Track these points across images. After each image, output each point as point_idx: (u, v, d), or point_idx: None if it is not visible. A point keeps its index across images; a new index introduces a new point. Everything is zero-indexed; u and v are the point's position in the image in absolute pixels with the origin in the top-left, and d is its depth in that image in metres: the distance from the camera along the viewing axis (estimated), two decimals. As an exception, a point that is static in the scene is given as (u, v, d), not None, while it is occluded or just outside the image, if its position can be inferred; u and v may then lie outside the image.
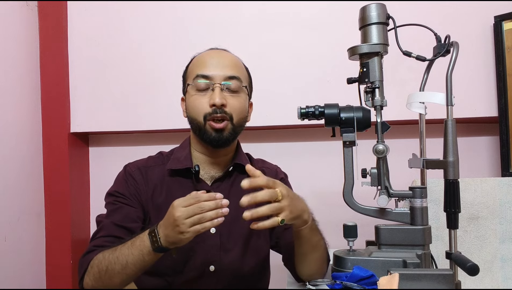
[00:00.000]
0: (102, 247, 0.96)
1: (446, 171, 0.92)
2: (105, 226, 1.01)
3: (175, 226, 0.83)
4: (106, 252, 0.93)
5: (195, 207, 0.83)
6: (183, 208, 0.83)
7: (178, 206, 0.84)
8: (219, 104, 1.00)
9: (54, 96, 1.74)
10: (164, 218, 0.87)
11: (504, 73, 1.51)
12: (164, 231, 0.86)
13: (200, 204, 0.83)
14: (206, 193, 0.87)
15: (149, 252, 0.88)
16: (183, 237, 0.83)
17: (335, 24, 1.64)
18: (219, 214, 0.83)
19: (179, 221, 0.82)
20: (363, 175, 1.01)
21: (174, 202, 0.85)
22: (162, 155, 1.14)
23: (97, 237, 1.00)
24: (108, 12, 1.77)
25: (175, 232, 0.84)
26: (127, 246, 0.91)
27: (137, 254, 0.89)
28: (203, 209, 0.83)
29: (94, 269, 0.93)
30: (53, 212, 1.74)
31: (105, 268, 0.91)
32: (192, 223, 0.82)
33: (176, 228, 0.83)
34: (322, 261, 1.02)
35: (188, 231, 0.82)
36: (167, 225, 0.86)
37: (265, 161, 1.23)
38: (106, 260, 0.91)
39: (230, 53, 1.11)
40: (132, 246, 0.90)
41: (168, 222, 0.85)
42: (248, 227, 1.08)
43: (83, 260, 0.97)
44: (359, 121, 0.99)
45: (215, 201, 0.84)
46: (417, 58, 1.01)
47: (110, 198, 1.06)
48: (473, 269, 0.83)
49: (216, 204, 0.84)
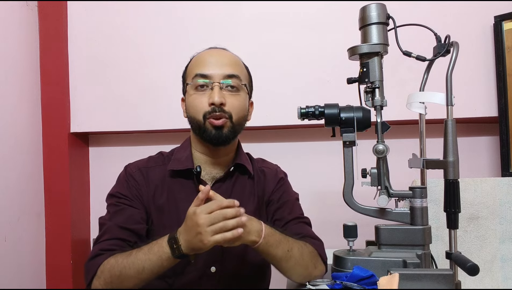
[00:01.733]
0: (109, 251, 0.95)
1: (446, 171, 0.92)
2: (109, 228, 1.00)
3: (198, 233, 0.83)
4: (119, 257, 0.92)
5: (218, 214, 0.83)
6: (206, 215, 0.83)
7: (201, 213, 0.83)
8: (218, 102, 1.00)
9: (54, 96, 1.74)
10: (185, 224, 0.87)
11: (504, 73, 1.51)
12: (186, 238, 0.86)
13: (222, 212, 0.83)
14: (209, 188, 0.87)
15: (168, 258, 0.88)
16: (203, 245, 0.83)
17: (335, 24, 1.64)
18: (239, 222, 0.83)
19: (201, 228, 0.82)
20: (363, 175, 1.01)
21: (197, 209, 0.85)
22: (162, 155, 1.14)
23: (102, 240, 0.99)
24: (108, 12, 1.77)
25: (197, 239, 0.83)
26: (144, 252, 0.90)
27: (155, 260, 0.88)
28: (226, 216, 0.83)
29: (105, 274, 0.92)
30: (53, 212, 1.74)
31: (118, 273, 0.90)
32: (214, 231, 0.82)
33: (198, 235, 0.83)
34: (302, 267, 0.99)
35: (210, 240, 0.82)
36: (189, 231, 0.85)
37: (265, 161, 1.23)
38: (119, 265, 0.91)
39: (229, 52, 1.10)
40: (149, 252, 0.89)
41: (190, 229, 0.85)
42: None
43: (90, 264, 0.95)
44: (359, 121, 0.99)
45: (235, 209, 0.84)
46: (417, 58, 1.01)
47: (112, 200, 1.05)
48: (473, 269, 0.83)
49: (236, 211, 0.84)
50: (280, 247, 0.95)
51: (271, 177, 1.15)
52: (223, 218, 0.83)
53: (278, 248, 0.95)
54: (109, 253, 0.95)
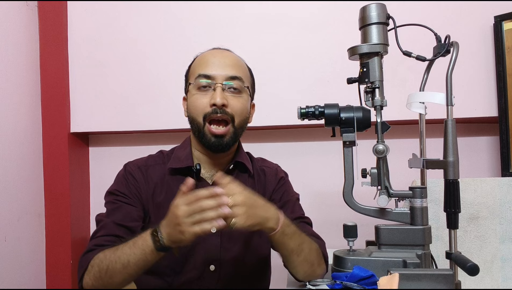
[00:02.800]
0: (102, 247, 0.96)
1: (446, 171, 0.92)
2: (105, 225, 1.01)
3: (177, 225, 0.82)
4: (107, 251, 0.93)
5: (196, 206, 0.81)
6: (184, 207, 0.82)
7: (180, 205, 0.83)
8: (220, 104, 1.00)
9: (54, 96, 1.74)
10: (166, 217, 0.87)
11: (504, 73, 1.51)
12: (166, 230, 0.85)
13: (201, 203, 0.81)
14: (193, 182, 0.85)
15: (152, 252, 0.87)
16: (183, 237, 0.82)
17: (335, 24, 1.64)
18: (220, 214, 0.81)
19: (179, 220, 0.81)
20: (363, 175, 1.01)
21: (176, 201, 0.84)
22: (162, 154, 1.14)
23: (97, 236, 1.00)
24: (108, 12, 1.77)
25: (176, 231, 0.83)
26: (129, 246, 0.90)
27: (139, 254, 0.88)
28: (204, 208, 0.81)
29: (94, 269, 0.93)
30: (53, 212, 1.74)
31: (105, 267, 0.91)
32: (192, 222, 0.81)
33: (177, 227, 0.82)
34: (309, 264, 1.00)
35: (189, 231, 0.81)
36: (169, 224, 0.85)
37: (266, 160, 1.23)
38: (107, 260, 0.91)
39: (232, 53, 1.10)
40: (134, 245, 0.89)
41: (170, 221, 0.85)
42: None
43: (82, 259, 0.97)
44: (359, 121, 0.99)
45: (215, 200, 0.82)
46: (417, 58, 1.01)
47: (110, 197, 1.06)
48: (473, 269, 0.83)
49: (216, 202, 0.82)
50: (294, 239, 0.95)
51: (272, 176, 1.16)
52: (200, 209, 0.81)
53: (291, 240, 0.95)
54: (101, 248, 0.95)
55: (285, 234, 0.93)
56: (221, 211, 0.81)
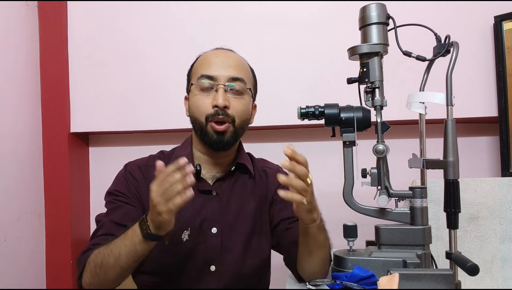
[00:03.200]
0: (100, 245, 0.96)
1: (446, 171, 0.92)
2: (104, 224, 1.01)
3: (153, 207, 0.82)
4: (101, 248, 0.93)
5: (164, 182, 0.81)
6: (156, 187, 0.82)
7: (153, 186, 0.83)
8: (222, 105, 1.00)
9: (54, 96, 1.74)
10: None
11: (504, 73, 1.51)
12: (150, 217, 0.85)
13: (168, 178, 0.81)
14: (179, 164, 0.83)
15: (141, 241, 0.87)
16: (162, 218, 0.82)
17: (335, 24, 1.64)
18: (185, 184, 0.80)
19: (155, 201, 0.81)
20: (363, 175, 1.01)
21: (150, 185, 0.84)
22: (163, 154, 1.14)
23: (96, 235, 1.00)
24: (108, 12, 1.77)
25: (155, 213, 0.83)
26: (120, 238, 0.90)
27: (129, 245, 0.88)
28: (171, 182, 0.80)
29: (91, 265, 0.93)
30: (53, 212, 1.74)
31: (100, 262, 0.91)
32: (165, 199, 0.81)
33: (154, 209, 0.82)
34: (326, 260, 1.02)
35: (164, 210, 0.81)
36: (151, 209, 0.85)
37: (267, 161, 1.23)
38: (101, 255, 0.91)
39: (235, 54, 1.10)
40: (124, 237, 0.89)
41: (150, 206, 0.84)
42: (249, 227, 1.08)
43: (81, 258, 0.97)
44: (359, 121, 0.99)
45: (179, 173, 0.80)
46: (417, 58, 1.01)
47: (110, 197, 1.06)
48: (473, 269, 0.83)
49: (182, 174, 0.80)
50: (324, 234, 1.00)
51: (274, 177, 1.16)
52: (169, 185, 0.80)
53: (322, 234, 0.98)
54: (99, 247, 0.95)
55: (320, 228, 0.96)
56: (186, 181, 0.80)
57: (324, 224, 1.00)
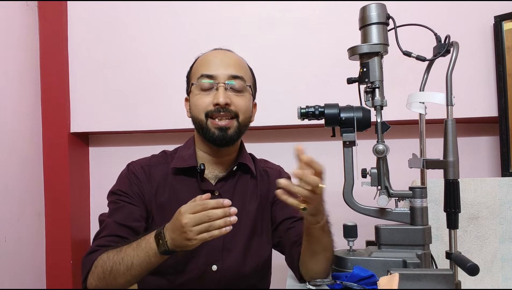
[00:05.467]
0: (106, 247, 0.96)
1: (446, 171, 0.92)
2: (107, 225, 1.01)
3: (182, 232, 0.83)
4: (110, 253, 0.93)
5: (202, 215, 0.82)
6: (190, 215, 0.82)
7: (185, 213, 0.83)
8: (223, 103, 1.00)
9: (54, 96, 1.74)
10: (171, 222, 0.87)
11: (504, 73, 1.51)
12: (171, 235, 0.86)
13: (207, 213, 0.82)
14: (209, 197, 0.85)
15: (155, 254, 0.88)
16: (189, 243, 0.83)
17: (335, 24, 1.64)
18: (227, 222, 0.82)
19: (186, 228, 0.82)
20: (363, 175, 1.01)
21: (181, 208, 0.84)
22: (165, 154, 1.14)
23: (100, 236, 1.00)
24: (108, 12, 1.76)
25: (182, 238, 0.83)
26: (133, 248, 0.90)
27: (142, 256, 0.89)
28: (211, 217, 0.81)
29: (98, 269, 0.93)
30: (53, 212, 1.73)
31: (109, 268, 0.91)
32: (199, 231, 0.82)
33: (183, 234, 0.83)
34: (329, 262, 1.02)
35: (195, 239, 0.82)
36: (174, 229, 0.85)
37: (268, 161, 1.23)
38: (110, 261, 0.91)
39: (234, 53, 1.11)
40: (137, 247, 0.90)
41: (175, 227, 0.85)
42: (250, 227, 1.08)
43: (86, 259, 0.97)
44: (359, 121, 0.99)
45: (223, 209, 0.82)
46: (417, 58, 1.01)
47: (113, 197, 1.06)
48: (473, 269, 0.83)
49: (224, 212, 0.82)
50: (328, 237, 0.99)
51: (275, 177, 1.15)
52: (208, 219, 0.81)
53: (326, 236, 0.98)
54: (105, 249, 0.95)
55: (324, 230, 0.96)
56: (229, 220, 0.82)
57: (329, 227, 1.00)
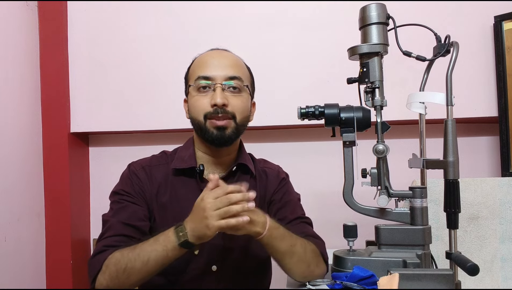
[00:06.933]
0: (113, 247, 0.95)
1: (446, 171, 0.92)
2: (112, 225, 1.00)
3: (203, 218, 0.84)
4: (124, 251, 0.92)
5: (223, 198, 0.84)
6: (212, 200, 0.85)
7: (208, 198, 0.85)
8: (220, 103, 1.00)
9: (54, 96, 1.74)
10: (192, 212, 0.89)
11: (504, 73, 1.51)
12: (191, 225, 0.87)
13: (228, 196, 0.85)
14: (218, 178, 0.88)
15: (174, 248, 0.88)
16: (208, 231, 0.84)
17: (335, 24, 1.64)
18: (244, 208, 0.84)
19: (207, 213, 0.84)
20: (363, 175, 1.01)
21: (204, 194, 0.87)
22: (165, 154, 1.14)
23: (105, 236, 0.99)
24: (108, 12, 1.77)
25: (202, 225, 0.85)
26: (149, 243, 0.91)
27: (160, 250, 0.89)
28: (231, 200, 0.84)
29: (110, 268, 0.92)
30: (53, 212, 1.74)
31: (124, 266, 0.90)
32: (219, 215, 0.84)
33: (204, 220, 0.84)
34: (305, 264, 0.99)
35: (214, 225, 0.83)
36: (195, 218, 0.87)
37: (267, 161, 1.23)
38: (125, 258, 0.91)
39: (231, 53, 1.11)
40: (155, 242, 0.90)
41: (196, 215, 0.87)
42: None
43: (94, 260, 0.95)
44: (359, 121, 0.99)
45: (242, 193, 0.85)
46: (417, 58, 1.01)
47: (116, 197, 1.06)
48: (473, 269, 0.83)
49: (243, 196, 0.85)
50: (284, 242, 0.96)
51: (273, 177, 1.16)
52: (228, 203, 0.84)
53: (282, 242, 0.95)
54: (113, 249, 0.95)
55: (273, 237, 0.94)
56: (246, 205, 0.85)
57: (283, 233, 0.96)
